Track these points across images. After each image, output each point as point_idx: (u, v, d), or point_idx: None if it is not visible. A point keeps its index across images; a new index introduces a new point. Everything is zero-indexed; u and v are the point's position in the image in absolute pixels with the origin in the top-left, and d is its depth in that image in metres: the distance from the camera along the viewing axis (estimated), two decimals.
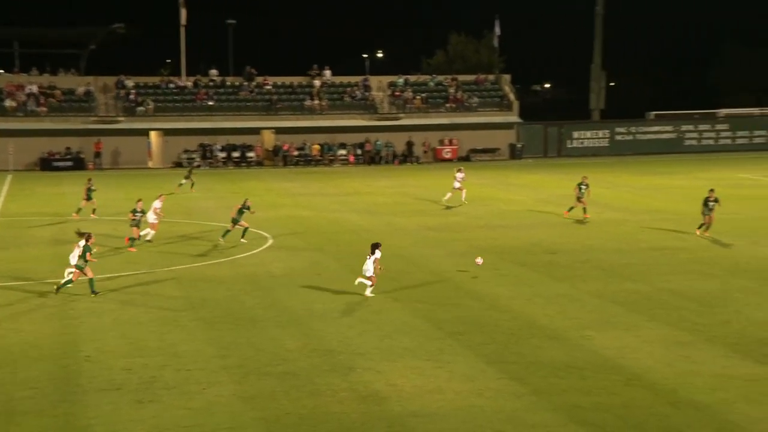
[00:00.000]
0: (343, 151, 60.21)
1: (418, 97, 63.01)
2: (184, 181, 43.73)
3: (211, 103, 60.56)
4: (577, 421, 13.49)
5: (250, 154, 59.43)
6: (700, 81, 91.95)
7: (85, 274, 21.40)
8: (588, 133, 63.96)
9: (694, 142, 63.78)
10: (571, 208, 33.48)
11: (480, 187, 44.91)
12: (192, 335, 18.28)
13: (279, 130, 60.12)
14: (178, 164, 58.13)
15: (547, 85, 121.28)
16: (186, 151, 58.96)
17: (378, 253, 21.38)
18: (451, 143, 61.37)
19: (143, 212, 28.23)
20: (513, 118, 62.86)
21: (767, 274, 23.38)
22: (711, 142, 63.87)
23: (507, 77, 66.33)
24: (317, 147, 59.80)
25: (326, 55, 72.72)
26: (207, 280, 23.36)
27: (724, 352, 16.79)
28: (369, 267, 21.31)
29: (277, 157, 59.39)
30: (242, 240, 28.93)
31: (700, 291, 21.60)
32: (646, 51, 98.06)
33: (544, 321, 19.16)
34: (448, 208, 37.07)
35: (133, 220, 27.96)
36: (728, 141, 63.88)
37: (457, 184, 37.84)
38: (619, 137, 63.66)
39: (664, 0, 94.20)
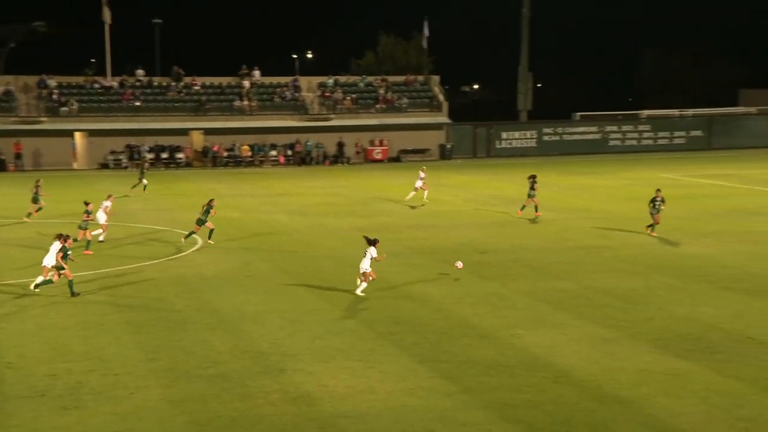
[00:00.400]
0: (273, 152, 59.88)
1: (348, 97, 63.04)
2: (145, 182, 42.96)
3: (137, 103, 59.60)
4: (507, 419, 13.67)
5: (179, 155, 58.68)
6: (625, 83, 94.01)
7: (65, 276, 21.37)
8: (516, 134, 64.82)
9: (618, 143, 65.14)
10: (523, 207, 34.11)
11: (411, 188, 45.12)
12: (119, 339, 17.97)
13: (208, 131, 59.48)
14: (105, 165, 57.09)
15: (476, 86, 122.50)
16: (112, 153, 57.90)
17: (374, 250, 21.43)
18: (381, 144, 61.56)
19: (89, 213, 27.86)
20: (442, 118, 63.34)
21: (689, 271, 24.02)
22: (634, 142, 65.32)
23: (436, 78, 66.80)
24: (247, 148, 59.35)
25: (255, 56, 72.23)
26: (135, 283, 22.99)
27: (647, 348, 17.20)
28: (366, 264, 21.35)
29: (207, 158, 58.76)
30: (209, 241, 28.63)
31: (624, 288, 22.09)
32: (572, 53, 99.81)
33: (474, 320, 19.36)
34: (412, 207, 37.33)
35: (84, 221, 27.58)
36: (650, 141, 65.42)
37: (419, 183, 38.28)
38: (546, 138, 64.68)
39: (589, 4, 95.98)
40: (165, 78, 63.27)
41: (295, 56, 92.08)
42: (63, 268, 21.33)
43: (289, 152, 60.09)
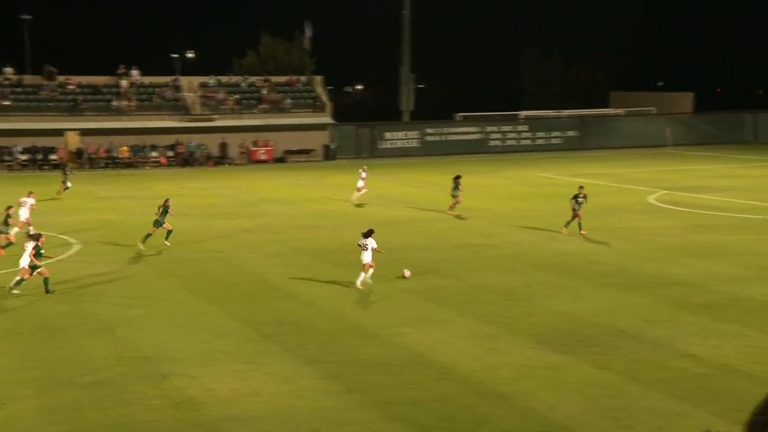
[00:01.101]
0: (154, 153, 58.58)
1: (231, 98, 62.29)
2: (69, 184, 41.25)
3: (7, 102, 57.25)
4: (392, 417, 13.83)
5: (53, 157, 56.68)
6: (504, 84, 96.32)
7: (41, 274, 21.65)
8: (399, 134, 65.47)
9: (498, 143, 66.65)
10: (453, 206, 34.97)
11: (296, 188, 45.00)
12: None
13: (85, 132, 57.65)
14: None
15: (359, 87, 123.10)
16: None
17: (373, 242, 22.16)
18: (266, 145, 61.11)
19: (11, 217, 27.22)
20: (326, 119, 63.38)
21: (565, 267, 24.82)
22: (513, 142, 66.97)
23: (319, 78, 66.79)
24: (126, 149, 57.86)
25: (134, 55, 70.45)
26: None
27: (526, 343, 17.69)
28: (368, 256, 22.00)
29: (82, 159, 56.96)
30: (165, 242, 27.97)
31: (505, 285, 22.65)
32: (453, 54, 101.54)
33: (360, 319, 19.48)
34: (358, 206, 37.43)
35: (5, 226, 26.98)
36: (529, 141, 67.22)
37: (361, 183, 38.44)
38: (429, 138, 65.57)
39: (470, 6, 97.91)
40: (36, 77, 61.01)
41: (175, 56, 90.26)
42: (38, 267, 21.61)
43: (171, 153, 58.92)
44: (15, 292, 21.64)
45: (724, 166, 52.72)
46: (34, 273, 21.63)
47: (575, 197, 30.09)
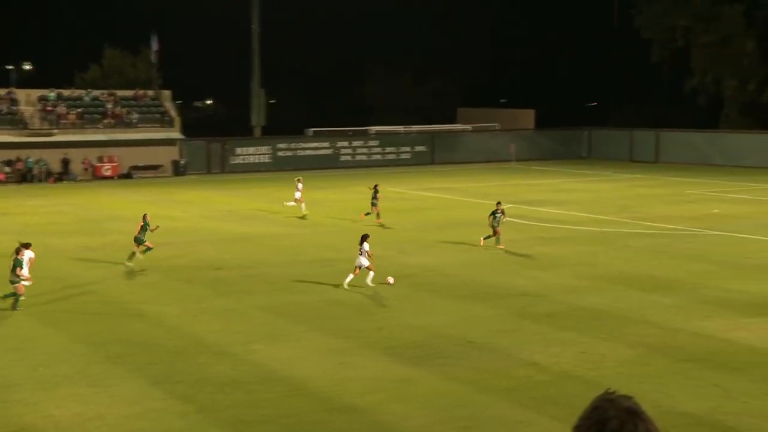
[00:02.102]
0: None
1: (72, 112, 60.03)
2: None
3: None
4: None
5: None
6: (354, 100, 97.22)
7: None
8: (251, 149, 64.89)
9: (349, 158, 67.15)
10: (367, 213, 35.93)
11: (143, 205, 43.79)
12: None
13: None
14: None
15: (209, 102, 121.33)
16: None
17: (366, 246, 23.57)
18: (111, 160, 59.20)
19: None
20: (175, 134, 62.06)
21: (415, 280, 25.23)
22: (364, 157, 67.64)
23: (167, 93, 65.37)
24: None
25: None
26: None
27: (378, 356, 17.86)
28: (363, 261, 23.37)
29: None
30: (138, 255, 26.98)
31: (356, 300, 22.80)
32: (304, 69, 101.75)
33: (210, 337, 19.13)
34: (302, 217, 37.57)
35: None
36: (379, 156, 68.05)
37: (298, 195, 38.56)
38: (281, 153, 65.31)
39: (319, 22, 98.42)
40: None
41: (10, 67, 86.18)
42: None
43: (8, 169, 56.17)
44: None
45: (563, 180, 55.11)
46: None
47: (493, 213, 30.48)
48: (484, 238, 30.45)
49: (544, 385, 15.99)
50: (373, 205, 36.07)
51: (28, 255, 22.29)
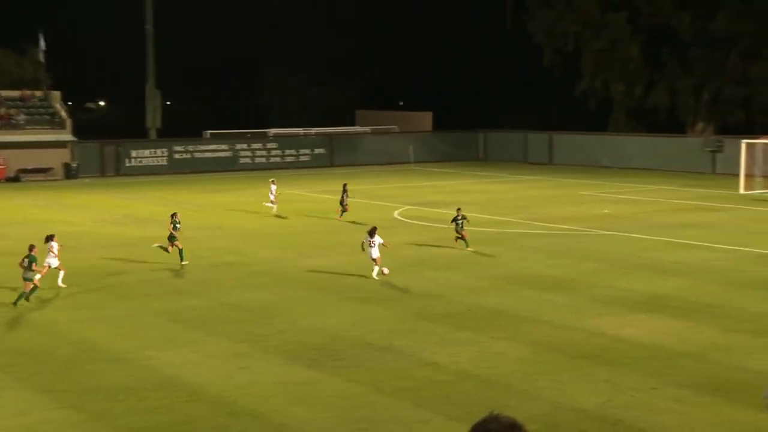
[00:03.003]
0: None
1: None
2: None
3: None
4: None
5: None
6: (251, 102, 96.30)
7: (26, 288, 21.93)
8: (146, 152, 63.54)
9: (248, 160, 66.48)
10: (342, 213, 37.26)
11: (33, 209, 42.35)
12: None
13: None
14: None
15: (102, 103, 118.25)
16: None
17: (379, 238, 25.33)
18: None
19: None
20: (66, 136, 60.22)
21: (315, 283, 25.16)
22: (263, 160, 67.09)
23: (57, 94, 63.38)
24: None
25: None
26: None
27: (279, 360, 17.73)
28: (375, 252, 25.14)
29: None
30: (160, 246, 27.99)
31: (256, 303, 22.59)
32: (200, 71, 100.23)
33: (103, 344, 18.64)
34: (279, 216, 37.79)
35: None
36: (278, 159, 67.62)
37: (272, 196, 39.03)
38: (177, 156, 64.16)
39: (214, 23, 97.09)
40: None
41: None
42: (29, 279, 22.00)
43: None
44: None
45: (461, 182, 55.94)
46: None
47: (454, 219, 30.49)
48: (458, 239, 30.43)
49: (442, 385, 16.18)
50: (341, 203, 37.39)
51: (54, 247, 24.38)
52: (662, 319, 20.77)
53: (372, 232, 25.70)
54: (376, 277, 25.17)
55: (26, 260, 22.16)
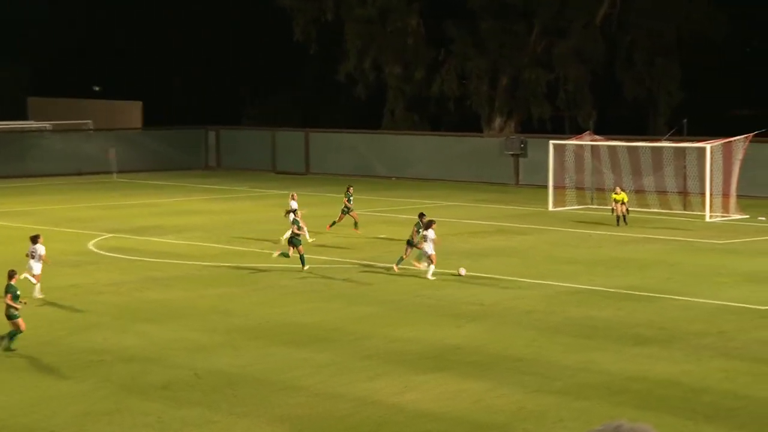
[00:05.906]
0: None
1: None
2: None
3: None
4: None
5: None
6: None
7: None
8: None
9: None
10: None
11: None
12: None
13: None
14: None
15: None
16: None
17: (432, 232, 29.73)
18: None
19: None
20: None
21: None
22: None
23: None
24: None
25: None
26: None
27: None
28: (430, 248, 29.52)
29: None
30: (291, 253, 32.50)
31: None
32: None
33: None
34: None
35: None
36: None
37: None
38: None
39: None
40: None
41: None
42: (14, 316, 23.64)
43: None
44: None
45: (183, 198, 55.61)
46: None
47: (417, 227, 32.71)
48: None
49: None
50: (344, 211, 41.72)
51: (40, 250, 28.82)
52: (454, 380, 21.53)
53: (427, 226, 30.40)
54: (431, 278, 30.07)
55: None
